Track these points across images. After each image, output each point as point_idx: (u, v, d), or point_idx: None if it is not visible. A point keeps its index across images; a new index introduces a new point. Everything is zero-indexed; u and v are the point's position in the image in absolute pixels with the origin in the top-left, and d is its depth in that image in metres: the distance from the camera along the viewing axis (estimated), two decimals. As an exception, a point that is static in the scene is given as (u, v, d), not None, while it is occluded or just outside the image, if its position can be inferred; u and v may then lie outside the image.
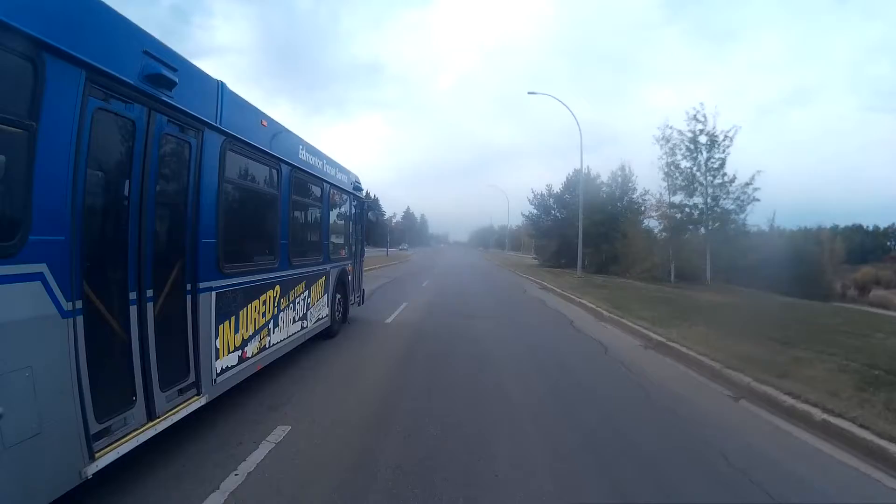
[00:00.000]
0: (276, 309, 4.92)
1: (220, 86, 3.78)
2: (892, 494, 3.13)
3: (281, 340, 5.11)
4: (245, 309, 4.25)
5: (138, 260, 2.93)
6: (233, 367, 4.06)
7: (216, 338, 3.77)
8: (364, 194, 9.43)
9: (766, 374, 5.15)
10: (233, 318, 4.02)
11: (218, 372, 3.82)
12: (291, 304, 5.38)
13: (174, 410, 3.28)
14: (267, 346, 4.73)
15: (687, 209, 22.20)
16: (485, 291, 16.03)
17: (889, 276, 43.56)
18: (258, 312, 4.50)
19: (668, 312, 9.80)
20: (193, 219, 3.48)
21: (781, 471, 3.35)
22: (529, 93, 21.84)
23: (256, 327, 4.48)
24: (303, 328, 5.80)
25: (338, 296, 7.42)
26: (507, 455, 3.43)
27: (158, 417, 3.11)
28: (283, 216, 5.13)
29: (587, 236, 24.35)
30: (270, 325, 4.80)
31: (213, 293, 3.70)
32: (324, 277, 6.60)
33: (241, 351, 4.18)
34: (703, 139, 21.00)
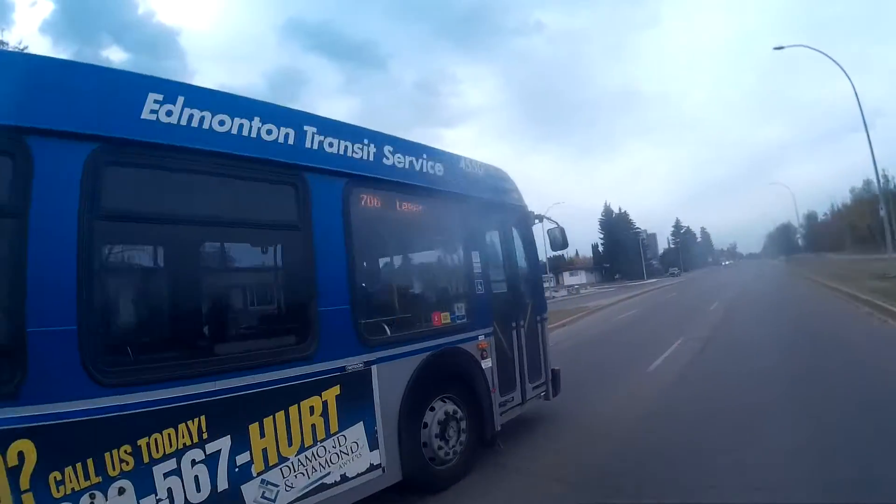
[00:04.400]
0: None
1: None
2: None
3: None
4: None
5: None
6: None
7: None
8: (517, 198, 5.02)
9: None
10: None
11: None
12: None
13: None
14: None
15: None
16: None
17: None
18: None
19: None
20: None
21: None
22: (776, 48, 18.29)
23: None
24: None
25: (443, 417, 3.49)
26: None
27: None
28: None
29: None
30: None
31: None
32: (322, 394, 2.78)
33: None
34: None
